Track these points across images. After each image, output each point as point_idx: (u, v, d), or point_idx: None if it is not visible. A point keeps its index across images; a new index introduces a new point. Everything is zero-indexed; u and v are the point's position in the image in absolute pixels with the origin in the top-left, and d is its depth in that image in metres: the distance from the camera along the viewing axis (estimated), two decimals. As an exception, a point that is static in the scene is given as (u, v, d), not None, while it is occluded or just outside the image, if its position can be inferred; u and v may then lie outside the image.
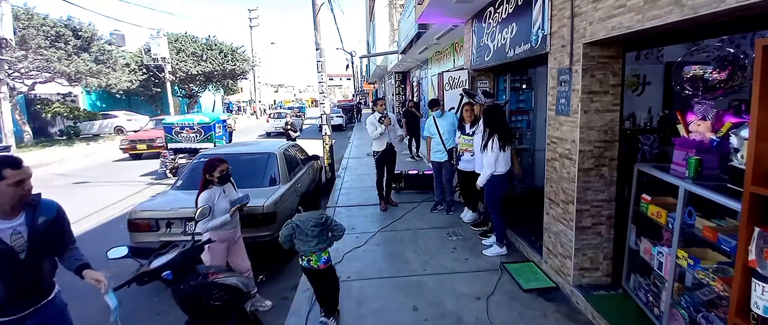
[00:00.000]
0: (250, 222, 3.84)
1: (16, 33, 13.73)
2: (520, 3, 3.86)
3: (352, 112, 26.15)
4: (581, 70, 2.88)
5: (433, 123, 5.38)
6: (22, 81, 16.10)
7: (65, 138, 18.63)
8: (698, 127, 2.43)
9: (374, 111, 5.82)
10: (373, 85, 36.29)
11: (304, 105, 36.25)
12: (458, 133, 4.93)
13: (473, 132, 4.58)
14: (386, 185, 6.02)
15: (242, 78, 29.39)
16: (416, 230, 4.94)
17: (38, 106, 18.51)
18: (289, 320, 3.10)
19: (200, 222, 2.84)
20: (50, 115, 18.69)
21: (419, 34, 7.94)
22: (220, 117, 10.37)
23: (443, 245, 4.44)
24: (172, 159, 9.21)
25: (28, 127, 16.92)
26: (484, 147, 3.97)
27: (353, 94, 42.17)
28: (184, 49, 23.59)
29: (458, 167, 5.00)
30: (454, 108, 5.56)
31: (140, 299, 3.53)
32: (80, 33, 16.63)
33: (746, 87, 2.39)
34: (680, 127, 2.56)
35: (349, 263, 3.96)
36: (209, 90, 29.55)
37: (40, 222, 1.89)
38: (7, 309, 1.84)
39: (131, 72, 20.95)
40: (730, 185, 1.97)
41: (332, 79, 63.13)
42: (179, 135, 9.52)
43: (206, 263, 2.91)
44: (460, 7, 5.05)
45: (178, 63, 23.11)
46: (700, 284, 2.25)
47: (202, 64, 23.92)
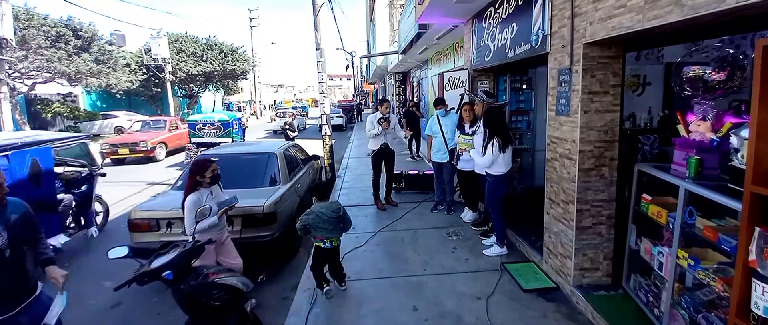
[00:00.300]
0: (250, 222, 3.85)
1: (16, 33, 13.71)
2: (520, 3, 3.86)
3: (352, 113, 26.32)
4: (581, 71, 2.88)
5: (436, 122, 5.37)
6: (22, 81, 16.09)
7: (65, 138, 18.58)
8: (698, 128, 2.43)
9: (377, 110, 5.83)
10: (373, 86, 36.26)
11: (306, 105, 36.74)
12: (458, 133, 4.93)
13: (473, 132, 4.58)
14: (386, 184, 6.03)
15: (242, 78, 29.39)
16: (416, 230, 4.94)
17: (38, 107, 18.51)
18: (289, 320, 3.10)
19: (188, 224, 2.86)
20: (50, 116, 18.68)
21: (419, 35, 7.93)
22: (236, 115, 12.14)
23: (443, 245, 4.44)
24: (195, 152, 9.96)
25: (28, 128, 16.90)
26: (484, 150, 3.98)
27: (353, 95, 42.16)
28: (184, 50, 23.59)
29: (458, 166, 5.00)
30: (454, 108, 5.56)
31: (140, 299, 3.52)
32: (80, 33, 16.62)
33: (746, 87, 2.39)
34: (680, 128, 2.57)
35: (349, 263, 3.95)
36: (209, 90, 29.56)
37: (13, 219, 1.94)
38: (1, 308, 1.88)
39: (131, 72, 20.94)
40: (730, 184, 1.97)
41: (332, 80, 63.08)
42: (202, 131, 10.87)
43: (195, 264, 2.92)
44: (460, 8, 5.05)
45: (178, 63, 23.11)
46: (700, 284, 2.25)
47: (202, 65, 23.92)
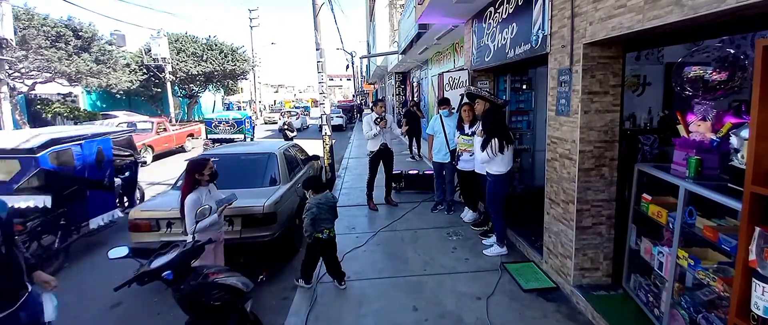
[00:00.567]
0: (250, 222, 3.84)
1: (16, 33, 13.70)
2: (520, 3, 3.86)
3: (352, 113, 26.41)
4: (581, 71, 2.88)
5: (439, 121, 5.36)
6: (22, 81, 16.07)
7: (66, 138, 18.59)
8: (698, 128, 2.43)
9: (373, 111, 5.84)
10: (373, 86, 36.22)
11: (308, 105, 37.41)
12: (457, 133, 4.93)
13: (472, 132, 4.58)
14: (386, 184, 6.03)
15: (242, 78, 29.37)
16: (416, 230, 4.94)
17: (38, 107, 18.50)
18: (289, 320, 3.10)
19: (188, 224, 2.86)
20: (50, 116, 18.65)
21: (419, 35, 7.93)
22: (247, 114, 13.93)
23: (443, 245, 4.44)
24: (212, 147, 10.73)
25: (28, 128, 16.92)
26: (483, 150, 3.97)
27: (353, 95, 42.17)
28: (184, 50, 23.58)
29: (458, 166, 5.00)
30: (454, 109, 5.56)
31: (140, 299, 3.52)
32: (81, 33, 16.60)
33: (746, 87, 2.39)
34: (680, 128, 2.57)
35: (349, 263, 3.95)
36: (209, 90, 29.55)
37: (4, 218, 1.97)
38: (1, 305, 1.91)
39: (132, 72, 20.93)
40: (730, 184, 1.97)
41: (332, 80, 63.04)
42: (217, 128, 12.21)
43: (194, 265, 2.94)
44: (460, 8, 5.05)
45: (178, 63, 23.09)
46: (700, 284, 2.25)
47: (202, 65, 23.90)
